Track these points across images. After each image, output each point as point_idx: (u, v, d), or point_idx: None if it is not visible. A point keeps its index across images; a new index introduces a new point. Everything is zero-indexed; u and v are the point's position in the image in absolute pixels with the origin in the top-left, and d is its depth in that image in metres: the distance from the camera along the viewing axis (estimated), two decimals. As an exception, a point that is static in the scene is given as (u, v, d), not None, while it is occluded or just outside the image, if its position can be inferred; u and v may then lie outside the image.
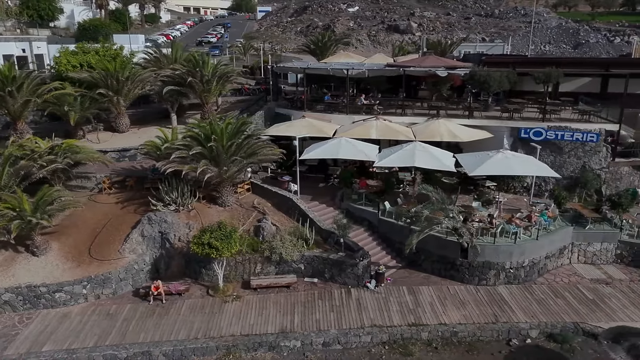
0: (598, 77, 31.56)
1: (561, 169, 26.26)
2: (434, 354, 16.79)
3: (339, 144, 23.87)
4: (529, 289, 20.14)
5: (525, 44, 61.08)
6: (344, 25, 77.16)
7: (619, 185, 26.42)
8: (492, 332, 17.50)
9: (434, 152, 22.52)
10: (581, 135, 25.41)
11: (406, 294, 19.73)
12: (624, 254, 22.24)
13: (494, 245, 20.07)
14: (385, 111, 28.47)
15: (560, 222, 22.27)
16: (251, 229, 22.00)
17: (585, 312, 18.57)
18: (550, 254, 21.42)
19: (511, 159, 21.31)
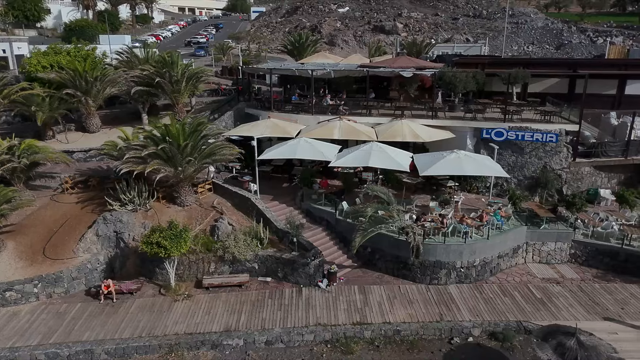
0: (566, 78, 31.72)
1: (523, 169, 26.47)
2: (375, 352, 16.92)
3: (297, 144, 24.03)
4: (479, 288, 20.28)
5: (509, 44, 61.29)
6: (330, 25, 77.33)
7: (580, 186, 26.63)
8: (434, 331, 17.64)
9: (391, 152, 22.66)
10: (541, 135, 25.56)
11: (356, 293, 19.86)
12: (578, 253, 22.38)
13: (444, 244, 20.22)
14: (352, 112, 28.63)
15: (515, 222, 22.42)
16: (207, 229, 22.15)
17: (530, 310, 18.71)
18: (503, 253, 21.56)
19: (464, 159, 21.45)
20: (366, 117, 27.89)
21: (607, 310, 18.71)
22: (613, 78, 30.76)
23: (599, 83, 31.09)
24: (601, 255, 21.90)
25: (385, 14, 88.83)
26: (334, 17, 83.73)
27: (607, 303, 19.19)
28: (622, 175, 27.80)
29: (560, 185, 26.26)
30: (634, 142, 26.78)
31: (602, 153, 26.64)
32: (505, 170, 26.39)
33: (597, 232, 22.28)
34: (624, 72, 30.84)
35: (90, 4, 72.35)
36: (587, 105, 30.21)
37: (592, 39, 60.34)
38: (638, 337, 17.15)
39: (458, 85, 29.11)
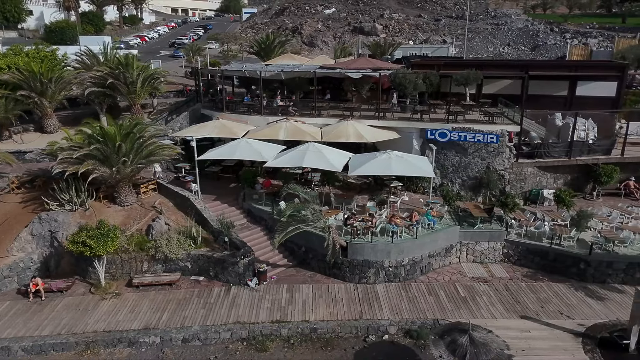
0: (519, 79, 31.90)
1: (467, 169, 26.70)
2: (289, 349, 17.16)
3: (237, 145, 24.32)
4: (406, 287, 20.52)
5: (485, 45, 61.56)
6: (311, 27, 77.62)
7: (524, 186, 26.86)
8: (351, 329, 17.88)
9: (326, 153, 22.89)
10: (482, 136, 25.78)
11: (284, 292, 20.11)
12: (511, 253, 22.63)
13: (371, 244, 20.46)
14: (302, 113, 28.89)
15: (449, 222, 22.67)
16: (144, 229, 22.41)
17: (451, 309, 18.95)
18: (434, 252, 21.80)
19: (394, 159, 21.69)
20: (315, 118, 28.14)
21: (526, 309, 18.94)
22: (564, 79, 30.95)
23: (551, 84, 31.40)
24: (532, 255, 22.16)
25: (370, 15, 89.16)
26: (317, 19, 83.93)
27: (528, 302, 19.43)
28: (568, 176, 28.02)
29: (504, 185, 26.48)
30: (577, 142, 27.02)
31: (545, 154, 26.85)
32: (450, 170, 26.95)
33: (529, 232, 22.53)
34: (573, 73, 31.01)
35: (71, 6, 72.59)
36: (540, 106, 30.69)
37: (567, 40, 60.56)
38: (549, 336, 17.37)
39: (408, 87, 29.37)
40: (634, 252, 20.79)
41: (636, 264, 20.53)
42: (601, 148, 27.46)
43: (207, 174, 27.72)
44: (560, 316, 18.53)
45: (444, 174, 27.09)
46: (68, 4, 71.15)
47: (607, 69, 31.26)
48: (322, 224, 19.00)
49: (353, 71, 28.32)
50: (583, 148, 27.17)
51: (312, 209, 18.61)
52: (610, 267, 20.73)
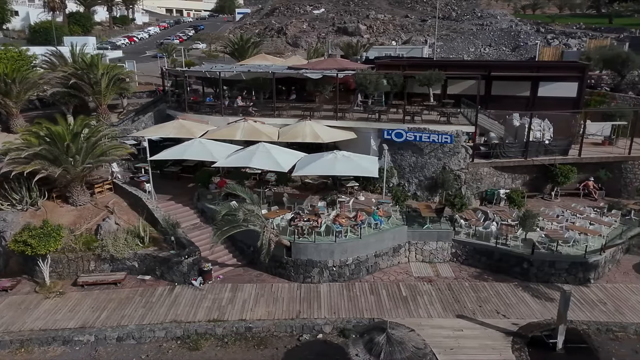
0: (474, 79, 31.98)
1: (423, 169, 26.80)
2: (221, 348, 17.28)
3: (190, 145, 24.44)
4: (349, 287, 20.63)
5: (466, 46, 61.69)
6: (296, 27, 77.80)
7: (480, 186, 26.94)
8: (286, 328, 17.99)
9: (275, 153, 22.98)
10: (437, 136, 25.88)
11: (227, 291, 20.24)
12: (459, 252, 22.75)
13: (314, 244, 20.59)
14: (263, 113, 29.00)
15: (397, 221, 22.79)
16: (94, 228, 22.56)
17: (389, 308, 19.07)
18: (381, 252, 21.92)
19: (340, 159, 21.80)
20: (275, 119, 28.25)
21: (464, 308, 19.05)
22: (526, 80, 31.06)
23: (514, 85, 31.53)
24: (479, 255, 22.28)
25: (358, 15, 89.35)
26: (304, 19, 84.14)
27: (468, 301, 19.54)
28: (527, 176, 28.13)
29: (460, 185, 26.58)
30: (533, 143, 27.12)
31: (502, 154, 26.95)
32: (407, 170, 27.06)
33: (477, 231, 22.64)
34: (534, 74, 31.11)
35: (56, 6, 72.77)
36: (503, 107, 30.77)
37: (549, 40, 60.66)
38: (481, 334, 17.48)
39: (369, 87, 29.57)
40: (578, 252, 20.89)
41: (578, 264, 20.65)
42: (558, 148, 27.57)
43: (166, 174, 27.89)
44: (497, 315, 18.65)
45: (401, 174, 27.22)
46: (53, 4, 71.32)
47: (568, 69, 31.40)
48: (258, 224, 19.09)
49: (311, 72, 28.44)
50: (539, 148, 27.28)
51: (245, 210, 18.70)
52: (553, 267, 20.84)
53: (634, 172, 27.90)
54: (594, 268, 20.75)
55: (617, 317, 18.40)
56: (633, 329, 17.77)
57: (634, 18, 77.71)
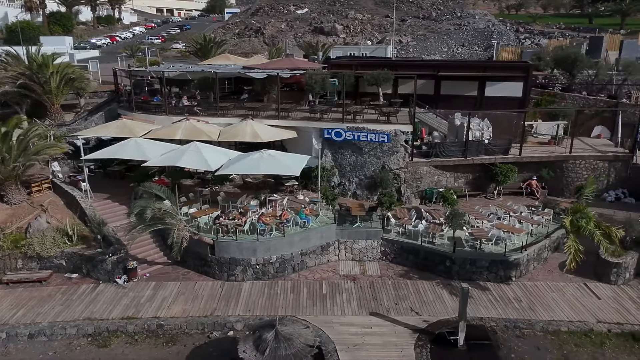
0: (431, 79, 32.18)
1: (363, 168, 26.97)
2: (130, 345, 17.43)
3: (125, 144, 24.58)
4: (271, 285, 20.79)
5: (439, 46, 61.88)
6: (274, 27, 77.92)
7: (420, 185, 27.08)
8: (197, 325, 18.14)
9: (206, 152, 23.04)
10: (374, 135, 26.05)
11: (149, 289, 20.39)
12: (387, 251, 22.90)
13: (237, 242, 20.75)
14: (209, 112, 29.12)
15: (328, 220, 22.96)
16: (25, 227, 22.69)
17: (305, 306, 19.22)
18: (308, 250, 22.07)
19: (265, 159, 21.90)
20: (219, 118, 28.41)
21: (380, 306, 19.21)
22: (473, 80, 31.23)
23: (462, 85, 31.71)
24: (406, 253, 22.44)
25: (341, 15, 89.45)
26: (281, 19, 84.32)
27: (386, 299, 19.70)
28: (469, 175, 28.31)
29: (399, 184, 26.76)
30: (473, 142, 27.30)
31: (441, 153, 27.12)
32: (347, 170, 27.25)
33: (405, 230, 22.80)
34: (481, 74, 31.29)
35: (33, 6, 72.82)
36: (452, 106, 30.94)
37: (521, 40, 60.84)
38: (388, 332, 17.64)
39: (315, 87, 29.79)
40: (501, 250, 21.04)
41: (499, 262, 20.82)
42: (498, 148, 27.75)
43: (109, 173, 28.06)
44: (410, 313, 18.81)
45: (342, 173, 27.41)
46: (30, 4, 71.35)
47: (513, 70, 31.59)
48: (170, 222, 19.25)
49: (254, 72, 28.60)
50: (479, 148, 27.45)
51: (153, 208, 18.86)
52: (474, 265, 21.01)
53: (575, 171, 28.11)
54: (515, 266, 20.91)
55: (528, 314, 18.58)
56: (540, 326, 17.95)
57: (613, 18, 77.85)
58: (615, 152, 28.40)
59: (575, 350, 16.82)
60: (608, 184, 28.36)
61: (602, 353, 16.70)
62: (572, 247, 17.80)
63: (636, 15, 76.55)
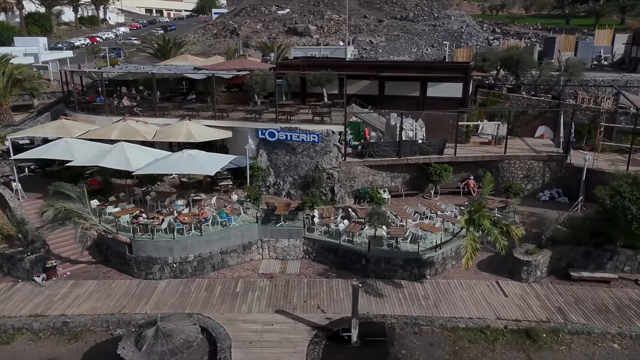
0: (376, 80, 32.47)
1: (297, 168, 27.24)
2: (33, 342, 17.68)
3: (56, 144, 24.84)
4: (188, 283, 21.03)
5: (409, 46, 62.20)
6: (250, 27, 78.20)
7: (354, 185, 27.33)
8: (102, 323, 18.38)
9: (130, 152, 23.18)
10: (306, 136, 26.33)
11: (65, 288, 20.62)
12: (310, 249, 23.16)
13: (152, 241, 21.02)
14: (151, 113, 29.34)
15: (251, 219, 23.23)
16: (-51, 228, 22.92)
17: (214, 304, 19.47)
18: (229, 249, 22.32)
19: (185, 159, 22.07)
20: (158, 119, 28.65)
21: (288, 304, 19.48)
22: (415, 80, 31.52)
23: (405, 85, 32.04)
24: (327, 252, 22.70)
25: (320, 16, 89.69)
26: (257, 19, 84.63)
27: (296, 297, 19.97)
28: (407, 175, 28.60)
29: (333, 184, 27.03)
30: (406, 142, 27.58)
31: (375, 153, 27.39)
32: (282, 169, 27.53)
33: (330, 229, 23.06)
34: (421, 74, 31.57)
35: (8, 7, 72.98)
36: (396, 107, 31.18)
37: (490, 41, 61.19)
38: (288, 329, 17.91)
39: (255, 87, 30.08)
40: (414, 249, 21.29)
41: (412, 260, 21.10)
42: (433, 148, 28.04)
43: (47, 173, 28.28)
44: (316, 310, 19.08)
45: (277, 172, 27.70)
46: (5, 5, 71.52)
47: (453, 70, 31.87)
48: (76, 221, 19.52)
49: (191, 73, 28.87)
50: (414, 147, 27.74)
51: (55, 208, 19.13)
52: (389, 263, 21.29)
53: (510, 171, 28.44)
54: (429, 264, 21.19)
55: (431, 312, 18.87)
56: (439, 323, 18.24)
57: (589, 19, 78.18)
58: (550, 152, 28.73)
59: (467, 347, 17.12)
60: (543, 184, 28.69)
61: (492, 349, 17.00)
62: (470, 246, 18.06)
63: (610, 15, 76.88)
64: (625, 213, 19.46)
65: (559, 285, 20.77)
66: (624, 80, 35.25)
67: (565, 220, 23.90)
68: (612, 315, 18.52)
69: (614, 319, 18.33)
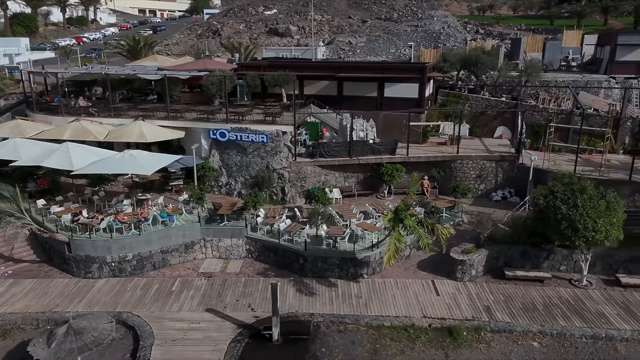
0: (334, 80, 32.64)
1: (248, 168, 27.45)
2: (-40, 340, 17.88)
3: (4, 145, 25.05)
4: (125, 282, 21.20)
5: (387, 47, 62.38)
6: (232, 28, 78.40)
7: (305, 185, 27.50)
8: (32, 321, 18.53)
9: (74, 152, 23.29)
10: (255, 136, 26.54)
11: (3, 287, 20.76)
12: (252, 249, 23.33)
13: (90, 240, 21.20)
14: (108, 113, 29.53)
15: (193, 218, 23.41)
16: None
17: (147, 302, 19.64)
18: (170, 248, 22.47)
19: (127, 159, 22.21)
20: (113, 119, 28.83)
21: (219, 303, 19.64)
22: (373, 81, 31.70)
23: (363, 86, 32.25)
24: (267, 251, 22.87)
25: (304, 16, 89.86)
26: (240, 20, 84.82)
27: (230, 295, 20.12)
28: (360, 175, 28.80)
29: (283, 184, 27.22)
30: (358, 142, 27.76)
31: (326, 153, 27.56)
32: (234, 169, 27.76)
33: (273, 228, 23.22)
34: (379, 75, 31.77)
35: (-9, 7, 73.17)
36: (355, 107, 31.41)
37: (466, 41, 61.30)
38: (214, 327, 18.07)
39: (211, 88, 30.29)
40: (357, 248, 21.43)
41: (348, 259, 21.26)
42: (385, 148, 28.23)
43: (3, 173, 28.46)
44: (247, 309, 19.25)
45: (229, 172, 27.90)
46: (-14, 5, 71.64)
47: (409, 71, 32.07)
48: (6, 219, 19.72)
49: (145, 74, 29.07)
50: (365, 148, 27.91)
51: None
52: (326, 262, 21.44)
53: (463, 171, 28.62)
54: (365, 264, 21.35)
55: (360, 310, 19.03)
56: (365, 322, 18.39)
57: (572, 19, 78.32)
58: (502, 153, 28.90)
59: (388, 345, 17.28)
60: (496, 184, 28.88)
61: (412, 347, 17.16)
62: (393, 245, 18.22)
63: (592, 16, 77.04)
64: (555, 212, 19.63)
65: (493, 284, 20.93)
66: (584, 81, 35.42)
67: (508, 220, 24.13)
68: (537, 314, 18.68)
69: (539, 317, 18.48)
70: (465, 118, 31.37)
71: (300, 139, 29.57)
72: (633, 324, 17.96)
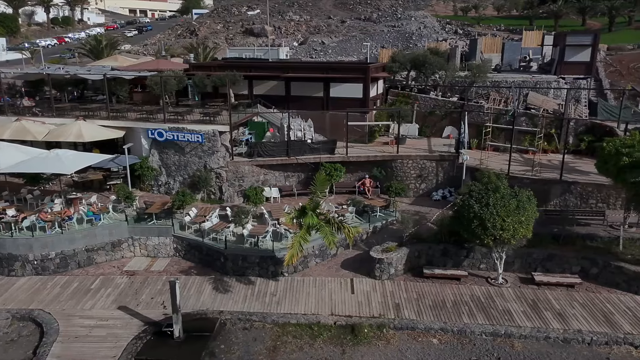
0: (282, 80, 32.84)
1: (186, 167, 27.62)
2: None
3: (-62, 143, 25.19)
4: (47, 280, 21.38)
5: (359, 48, 62.56)
6: (210, 28, 78.61)
7: (242, 184, 27.65)
8: (-59, 318, 18.77)
9: (5, 152, 23.55)
10: (191, 136, 26.72)
11: (-56, 285, 21.04)
12: (179, 247, 23.52)
13: (12, 238, 21.39)
14: (52, 113, 29.70)
15: (120, 217, 23.61)
16: None
17: (63, 300, 19.84)
18: (95, 247, 22.66)
19: (52, 158, 22.39)
20: (55, 119, 28.99)
21: (134, 300, 19.82)
22: (319, 81, 31.91)
23: (310, 86, 32.48)
24: (193, 250, 23.07)
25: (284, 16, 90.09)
26: (218, 20, 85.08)
27: (146, 293, 20.31)
28: (301, 174, 28.95)
29: (221, 183, 27.41)
30: (296, 142, 27.96)
31: (264, 153, 27.75)
32: (172, 169, 27.91)
33: (200, 227, 23.41)
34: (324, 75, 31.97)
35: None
36: (303, 107, 31.65)
37: (440, 41, 61.53)
38: (120, 324, 18.26)
39: (155, 88, 30.46)
40: (277, 247, 21.62)
41: (268, 258, 21.45)
42: (324, 147, 28.42)
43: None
44: (159, 307, 19.42)
45: (168, 172, 28.06)
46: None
47: (352, 71, 32.24)
48: None
49: (85, 74, 29.28)
50: (303, 147, 28.09)
51: None
52: (246, 261, 21.63)
53: (404, 170, 28.79)
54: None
55: (271, 308, 19.22)
56: (272, 319, 18.57)
57: (550, 20, 78.54)
58: (442, 152, 29.08)
59: (289, 342, 17.45)
60: (437, 183, 29.05)
61: (311, 344, 17.32)
62: (297, 243, 18.40)
63: (569, 17, 77.25)
64: (469, 211, 19.82)
65: (411, 282, 21.11)
66: (534, 82, 35.63)
67: (436, 219, 24.34)
68: (444, 312, 18.86)
69: (444, 314, 18.67)
70: (410, 118, 31.53)
71: (244, 138, 29.82)
72: (535, 321, 18.15)
